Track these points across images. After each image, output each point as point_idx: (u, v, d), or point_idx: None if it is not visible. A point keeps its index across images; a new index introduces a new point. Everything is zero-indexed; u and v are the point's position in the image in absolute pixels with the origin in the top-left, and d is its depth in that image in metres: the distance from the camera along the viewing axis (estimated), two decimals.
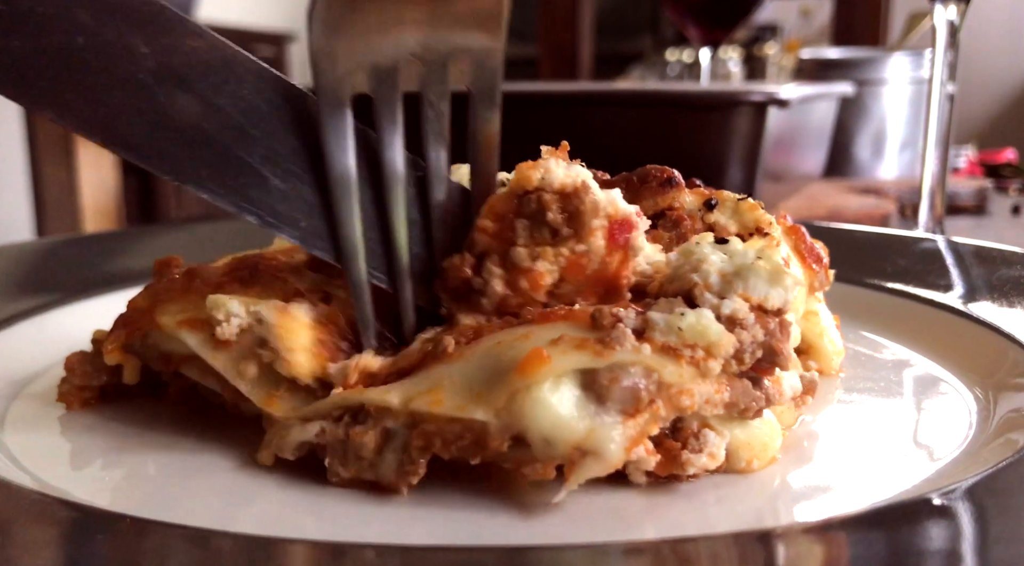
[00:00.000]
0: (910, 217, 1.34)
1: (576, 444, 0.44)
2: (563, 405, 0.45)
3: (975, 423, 0.57)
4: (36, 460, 0.53)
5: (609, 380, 0.46)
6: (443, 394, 0.47)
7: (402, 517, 0.46)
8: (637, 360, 0.46)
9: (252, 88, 0.51)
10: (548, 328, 0.49)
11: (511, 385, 0.45)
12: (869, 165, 1.92)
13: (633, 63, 4.69)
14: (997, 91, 4.20)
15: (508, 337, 0.49)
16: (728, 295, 0.50)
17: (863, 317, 0.78)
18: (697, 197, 0.62)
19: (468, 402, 0.46)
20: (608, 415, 0.45)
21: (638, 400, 0.46)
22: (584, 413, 0.45)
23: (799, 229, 0.65)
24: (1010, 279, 0.79)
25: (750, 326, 0.49)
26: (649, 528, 0.45)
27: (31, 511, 0.44)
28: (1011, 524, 0.41)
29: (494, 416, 0.45)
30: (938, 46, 1.08)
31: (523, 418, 0.45)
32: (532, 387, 0.45)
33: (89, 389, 0.60)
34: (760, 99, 1.18)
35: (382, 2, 0.50)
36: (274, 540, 0.40)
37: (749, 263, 0.50)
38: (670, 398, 0.46)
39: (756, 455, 0.51)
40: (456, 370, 0.48)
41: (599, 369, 0.46)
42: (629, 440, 0.45)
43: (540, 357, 0.45)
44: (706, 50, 1.78)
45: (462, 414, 0.46)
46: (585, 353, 0.46)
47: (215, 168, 0.51)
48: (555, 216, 0.52)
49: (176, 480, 0.50)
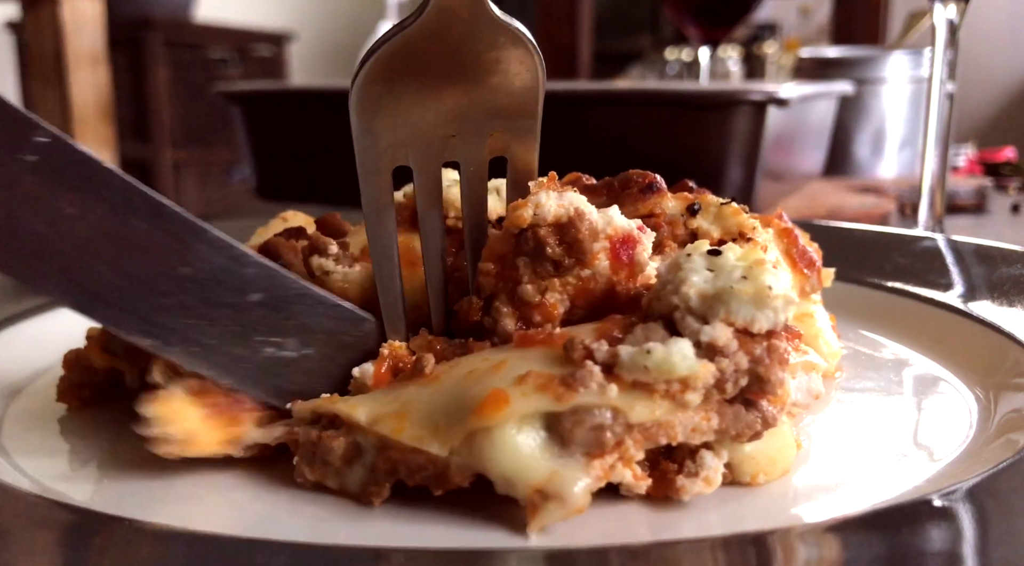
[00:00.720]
0: (910, 216, 1.34)
1: (537, 487, 0.43)
2: (525, 446, 0.44)
3: (975, 423, 0.57)
4: (34, 461, 0.52)
5: (572, 423, 0.44)
6: (406, 422, 0.46)
7: (399, 523, 0.46)
8: (601, 402, 0.44)
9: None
10: (522, 357, 0.48)
11: (469, 424, 0.45)
12: (869, 164, 1.92)
13: (632, 62, 4.69)
14: (996, 90, 4.20)
15: (483, 365, 0.48)
16: (711, 319, 0.46)
17: (863, 316, 0.78)
18: (680, 202, 0.61)
19: (427, 434, 0.46)
20: (572, 457, 0.44)
21: (602, 443, 0.44)
22: (547, 455, 0.44)
23: (791, 232, 0.65)
24: (1010, 278, 0.79)
25: (732, 354, 0.45)
26: (644, 530, 0.45)
27: (27, 515, 0.44)
28: (1012, 525, 0.41)
29: (453, 452, 0.45)
30: (938, 45, 1.07)
31: (482, 458, 0.44)
32: (493, 429, 0.44)
33: (88, 387, 0.60)
34: (759, 98, 1.18)
35: (418, 84, 0.51)
36: (282, 544, 0.40)
37: (730, 286, 0.47)
38: (645, 433, 0.45)
39: (763, 470, 0.49)
40: (424, 397, 0.48)
41: (563, 412, 0.44)
42: (594, 480, 0.44)
43: (499, 399, 0.44)
44: (705, 49, 1.78)
45: (420, 445, 0.45)
46: (546, 396, 0.44)
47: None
48: (554, 250, 0.52)
49: (173, 481, 0.50)
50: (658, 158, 1.22)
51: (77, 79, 2.74)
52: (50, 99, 2.81)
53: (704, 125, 1.21)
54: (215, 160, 4.04)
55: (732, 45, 3.90)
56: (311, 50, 5.53)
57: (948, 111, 1.09)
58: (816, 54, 2.09)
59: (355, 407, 0.48)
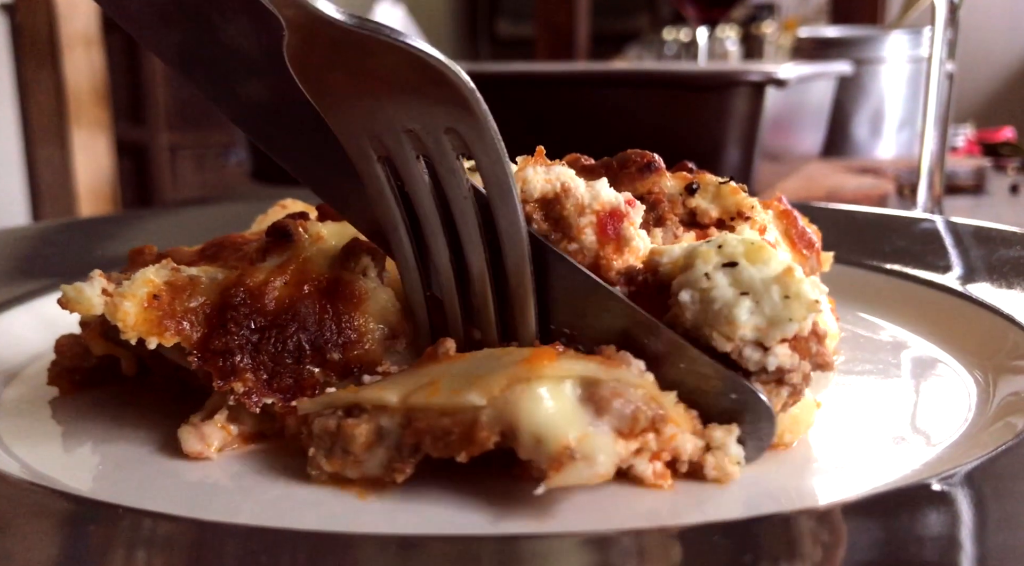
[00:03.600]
0: (908, 197, 1.33)
1: (566, 445, 0.43)
2: (562, 404, 0.45)
3: (974, 406, 0.57)
4: (26, 445, 0.53)
5: (611, 393, 0.45)
6: (440, 386, 0.47)
7: (402, 510, 0.46)
8: (642, 383, 0.46)
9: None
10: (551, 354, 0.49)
11: (513, 374, 0.45)
12: (867, 145, 1.91)
13: (630, 42, 4.67)
14: (995, 69, 4.18)
15: (514, 348, 0.50)
16: (768, 343, 0.48)
17: (861, 298, 0.77)
18: (679, 181, 0.61)
19: (465, 387, 0.46)
20: (602, 427, 0.45)
21: (635, 421, 0.45)
22: (580, 418, 0.45)
23: (791, 214, 0.64)
24: (1009, 259, 0.78)
25: (797, 367, 0.48)
26: (642, 515, 0.45)
27: (19, 501, 0.44)
28: (1011, 509, 0.41)
29: (489, 403, 0.45)
30: (937, 24, 1.07)
31: (518, 409, 0.44)
32: (533, 381, 0.44)
33: (80, 372, 0.60)
34: (758, 79, 1.17)
35: (346, 78, 0.47)
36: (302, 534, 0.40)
37: (781, 315, 0.48)
38: (663, 436, 0.46)
39: (788, 429, 0.51)
40: (456, 367, 0.48)
41: (603, 380, 0.45)
42: (618, 457, 0.45)
43: (550, 354, 0.45)
44: (703, 29, 1.77)
45: (457, 399, 0.45)
46: (593, 361, 0.46)
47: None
48: (540, 225, 0.53)
49: (164, 467, 0.50)
50: (656, 139, 1.21)
51: (71, 61, 2.72)
52: (44, 81, 2.80)
53: (702, 106, 1.20)
54: (211, 142, 4.02)
55: (730, 25, 3.88)
56: None
57: (947, 91, 1.08)
58: (815, 34, 2.08)
59: (383, 390, 0.48)
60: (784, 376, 0.48)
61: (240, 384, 0.51)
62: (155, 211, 1.05)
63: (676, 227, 0.59)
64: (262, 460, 0.51)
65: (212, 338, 0.51)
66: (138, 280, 0.52)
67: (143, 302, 0.51)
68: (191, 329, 0.52)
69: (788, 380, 0.48)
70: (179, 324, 0.52)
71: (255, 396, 0.50)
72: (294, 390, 0.51)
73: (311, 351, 0.52)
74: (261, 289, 0.53)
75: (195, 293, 0.53)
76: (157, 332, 0.51)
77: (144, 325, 0.51)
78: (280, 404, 0.51)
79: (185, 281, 0.53)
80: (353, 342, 0.52)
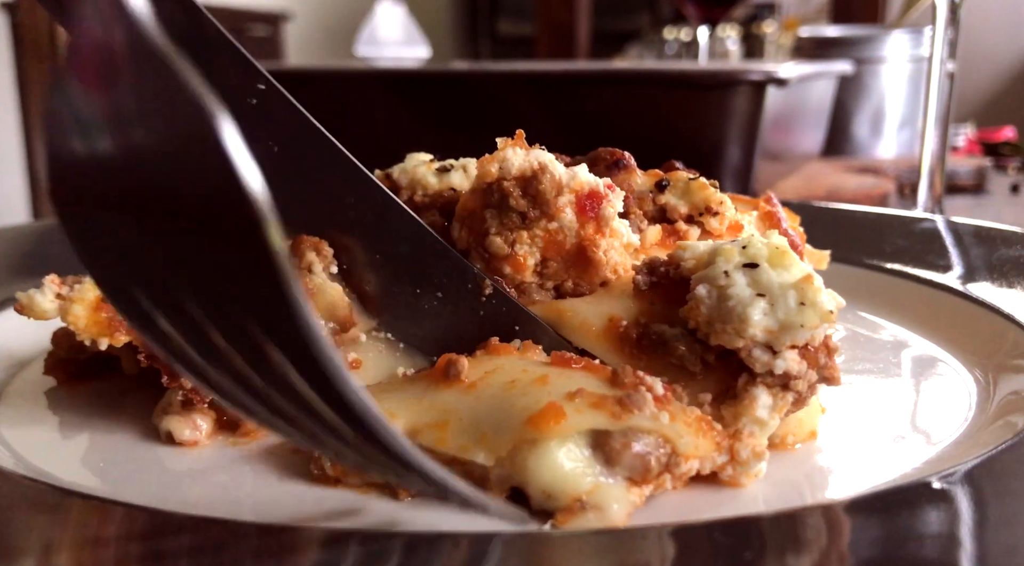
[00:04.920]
0: (909, 196, 1.33)
1: (577, 499, 0.43)
2: (571, 461, 0.44)
3: (975, 405, 0.57)
4: (24, 440, 0.53)
5: (622, 444, 0.45)
6: (447, 432, 0.46)
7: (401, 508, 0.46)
8: (654, 428, 0.45)
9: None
10: (566, 375, 0.48)
11: (520, 435, 0.44)
12: (868, 144, 1.91)
13: (631, 41, 4.66)
14: (996, 69, 4.18)
15: (524, 377, 0.48)
16: (778, 347, 0.48)
17: (861, 298, 0.77)
18: (650, 178, 0.62)
19: (472, 443, 0.45)
20: (615, 478, 0.44)
21: (647, 470, 0.45)
22: (591, 471, 0.44)
23: (774, 215, 0.65)
24: (1009, 259, 0.78)
25: (804, 375, 0.48)
26: (643, 513, 0.45)
27: (14, 494, 0.44)
28: (1011, 508, 0.41)
29: (496, 463, 0.45)
30: (938, 23, 1.07)
31: (526, 471, 0.44)
32: (540, 442, 0.44)
33: (75, 363, 0.61)
34: (758, 78, 1.17)
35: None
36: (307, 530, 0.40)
37: (794, 320, 0.48)
38: (678, 471, 0.46)
39: (791, 431, 0.51)
40: (465, 406, 0.48)
41: (613, 432, 0.45)
42: (631, 505, 0.44)
43: (557, 412, 0.44)
44: (704, 28, 1.77)
45: (465, 455, 0.45)
46: (602, 413, 0.45)
47: None
48: (518, 201, 0.54)
49: (159, 459, 0.51)
50: (656, 138, 1.21)
51: None
52: (44, 80, 2.79)
53: (703, 105, 1.20)
54: None
55: (731, 24, 3.88)
56: (307, 30, 5.50)
57: (948, 90, 1.08)
58: (815, 33, 2.08)
59: (393, 415, 0.48)
60: (790, 382, 0.48)
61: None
62: None
63: (641, 221, 0.60)
64: (256, 450, 0.51)
65: None
66: (88, 283, 0.54)
67: (92, 305, 0.53)
68: None
69: (794, 386, 0.48)
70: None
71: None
72: None
73: None
74: None
75: None
76: (107, 333, 0.53)
77: (95, 327, 0.53)
78: None
79: None
80: None
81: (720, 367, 0.50)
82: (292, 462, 0.50)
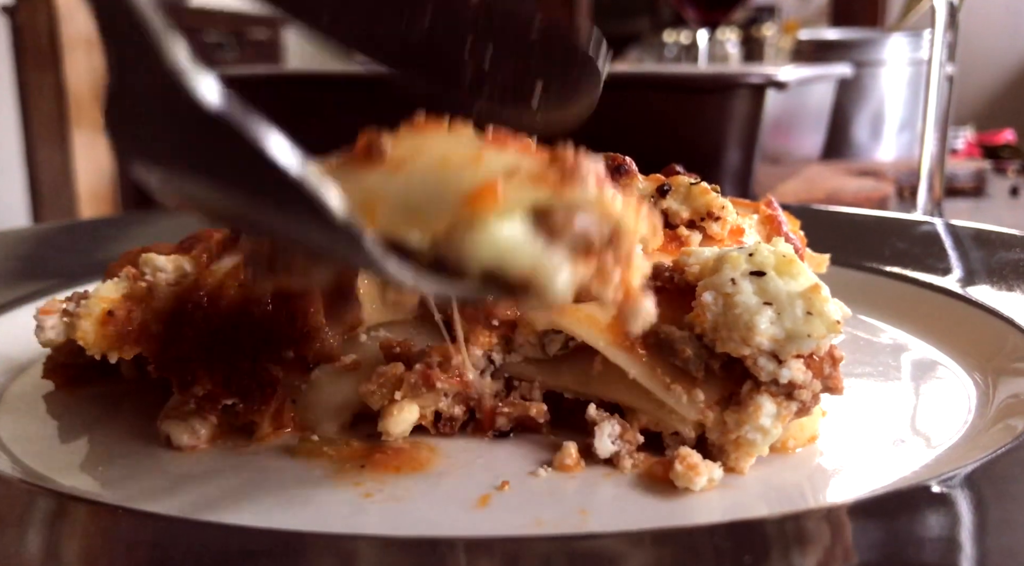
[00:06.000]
0: (908, 199, 1.33)
1: (519, 273, 0.40)
2: (511, 238, 0.41)
3: (974, 408, 0.57)
4: (23, 444, 0.53)
5: (564, 219, 0.41)
6: (377, 215, 0.42)
7: (407, 513, 0.46)
8: (597, 202, 0.42)
9: None
10: (502, 154, 0.44)
11: (455, 214, 0.41)
12: (867, 147, 1.91)
13: (630, 45, 4.66)
14: (995, 72, 4.18)
15: (457, 156, 0.44)
16: (783, 357, 0.48)
17: (861, 301, 0.77)
18: (651, 183, 0.62)
19: (404, 221, 0.42)
20: (556, 254, 0.41)
21: (591, 244, 0.41)
22: (532, 247, 0.41)
23: (775, 219, 0.65)
24: (1009, 262, 0.78)
25: (808, 384, 0.48)
26: (644, 516, 0.45)
27: (11, 498, 0.44)
28: (1011, 511, 0.41)
29: (431, 244, 0.41)
30: (937, 26, 1.07)
31: (464, 249, 0.40)
32: (479, 219, 0.40)
33: (74, 367, 0.61)
34: (758, 81, 1.17)
35: None
36: None
37: (801, 331, 0.48)
38: (621, 250, 0.42)
39: (792, 436, 0.51)
40: (394, 187, 0.43)
41: (555, 207, 0.41)
42: (576, 283, 0.41)
43: (492, 192, 0.41)
44: (704, 31, 1.77)
45: (396, 234, 0.41)
46: (541, 188, 0.41)
47: None
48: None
49: (158, 463, 0.51)
50: (656, 141, 1.21)
51: (72, 63, 2.73)
52: (45, 83, 2.80)
53: (702, 108, 1.20)
54: None
55: (731, 27, 3.88)
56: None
57: (947, 93, 1.09)
58: (815, 36, 2.08)
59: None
60: (794, 391, 0.48)
61: (199, 388, 0.52)
62: (155, 213, 1.05)
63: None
64: (255, 455, 0.51)
65: (169, 346, 0.53)
66: (94, 298, 0.54)
67: (99, 320, 0.53)
68: (148, 339, 0.53)
69: (798, 396, 0.48)
70: (137, 336, 0.53)
71: (215, 398, 0.52)
72: (253, 389, 0.52)
73: (266, 350, 0.52)
74: (216, 292, 0.54)
75: (152, 302, 0.54)
76: (116, 346, 0.53)
77: (103, 341, 0.53)
78: (240, 405, 0.52)
79: (142, 291, 0.55)
80: (307, 338, 0.53)
81: (723, 374, 0.50)
82: (290, 467, 0.50)
